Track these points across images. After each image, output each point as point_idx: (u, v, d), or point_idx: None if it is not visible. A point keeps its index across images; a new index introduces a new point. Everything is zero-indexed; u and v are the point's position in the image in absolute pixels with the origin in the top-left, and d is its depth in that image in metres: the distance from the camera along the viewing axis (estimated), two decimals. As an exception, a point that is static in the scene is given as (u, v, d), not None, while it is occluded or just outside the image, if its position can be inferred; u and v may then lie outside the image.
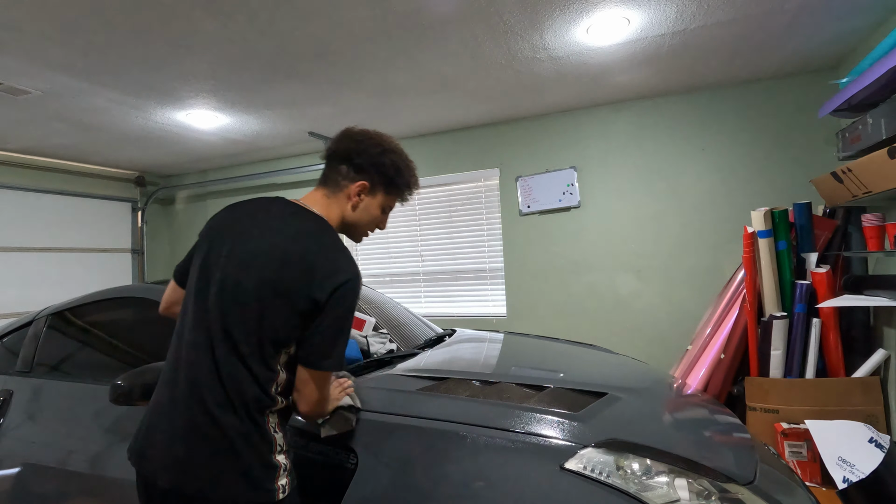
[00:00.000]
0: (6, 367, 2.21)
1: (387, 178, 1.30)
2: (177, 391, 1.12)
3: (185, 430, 1.08)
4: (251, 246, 1.16)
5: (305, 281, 1.11)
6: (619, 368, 1.98)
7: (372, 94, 3.25)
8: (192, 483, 1.05)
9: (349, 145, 1.28)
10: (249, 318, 1.11)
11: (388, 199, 1.33)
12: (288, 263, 1.12)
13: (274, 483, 1.08)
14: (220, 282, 1.14)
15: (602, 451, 1.24)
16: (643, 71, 3.08)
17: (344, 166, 1.28)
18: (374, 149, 1.28)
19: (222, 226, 1.24)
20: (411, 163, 1.36)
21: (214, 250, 1.19)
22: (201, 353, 1.11)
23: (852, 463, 2.23)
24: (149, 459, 1.10)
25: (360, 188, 1.27)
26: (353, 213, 1.29)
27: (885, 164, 2.11)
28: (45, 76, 2.74)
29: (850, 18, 2.50)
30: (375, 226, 1.35)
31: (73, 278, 4.74)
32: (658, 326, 3.55)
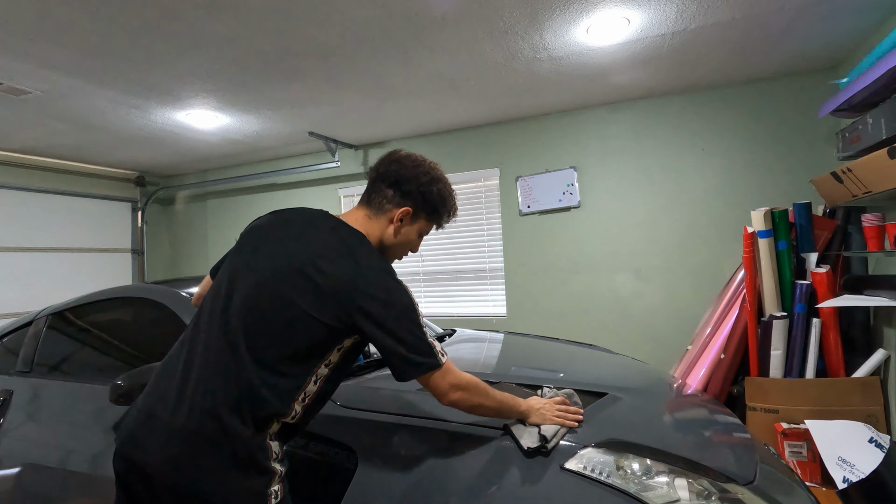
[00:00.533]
0: (6, 367, 2.21)
1: (431, 206, 1.31)
2: (185, 387, 1.09)
3: (187, 429, 1.06)
4: (289, 254, 1.15)
5: (338, 297, 1.10)
6: (619, 368, 1.98)
7: (372, 94, 3.25)
8: (184, 480, 1.04)
9: (398, 170, 1.29)
10: (279, 327, 1.09)
11: (427, 225, 1.34)
12: (325, 274, 1.11)
13: (268, 488, 1.07)
14: (251, 287, 1.14)
15: (602, 451, 1.24)
16: (643, 71, 3.08)
17: (390, 190, 1.28)
18: (423, 177, 1.29)
19: (263, 230, 1.24)
20: (454, 192, 1.38)
21: (250, 253, 1.20)
22: (219, 355, 1.10)
23: (852, 463, 2.23)
24: (143, 450, 1.08)
25: (403, 213, 1.28)
26: (393, 237, 1.29)
27: (885, 164, 2.11)
28: (45, 76, 2.74)
29: (851, 18, 2.50)
30: (410, 249, 1.36)
31: (73, 278, 4.74)
32: (658, 326, 3.55)
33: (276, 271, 1.14)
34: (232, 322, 1.11)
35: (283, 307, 1.10)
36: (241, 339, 1.09)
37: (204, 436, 1.05)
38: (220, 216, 5.28)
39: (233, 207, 5.21)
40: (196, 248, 5.42)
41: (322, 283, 1.11)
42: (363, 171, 4.54)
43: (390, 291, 1.14)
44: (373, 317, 1.10)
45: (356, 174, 4.58)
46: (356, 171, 4.58)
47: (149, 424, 1.09)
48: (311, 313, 1.10)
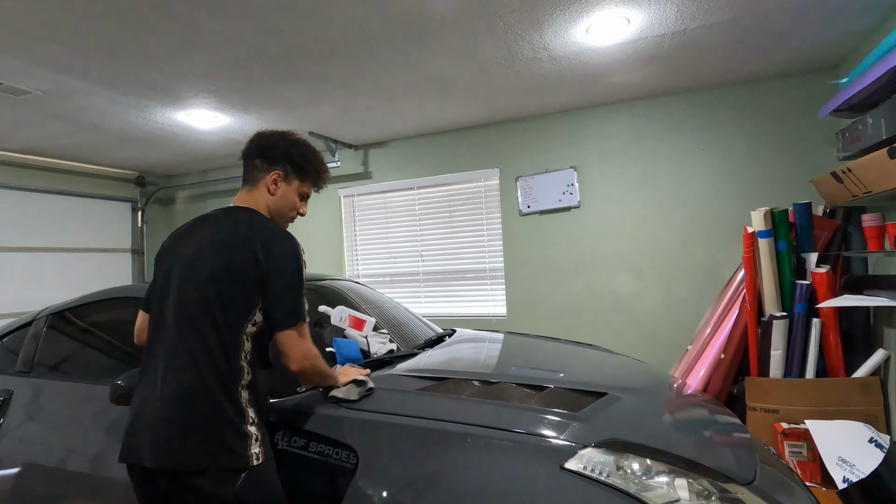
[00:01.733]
0: (6, 367, 2.21)
1: (297, 165, 1.47)
2: (155, 384, 1.24)
3: (164, 414, 1.20)
4: (197, 245, 1.34)
5: (249, 256, 1.29)
6: (619, 368, 1.98)
7: (372, 94, 3.25)
8: (173, 460, 1.17)
9: (260, 142, 1.47)
10: (209, 301, 1.26)
11: (303, 185, 1.50)
12: (231, 246, 1.30)
13: (247, 450, 1.20)
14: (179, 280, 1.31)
15: (602, 451, 1.24)
16: (643, 71, 3.08)
17: (258, 160, 1.46)
18: (282, 142, 1.47)
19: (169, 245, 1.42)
20: (318, 152, 1.53)
21: (167, 262, 1.38)
22: (171, 345, 1.26)
23: (852, 463, 2.23)
24: (135, 450, 1.22)
25: (275, 177, 1.45)
26: (273, 199, 1.45)
27: (885, 164, 2.11)
28: (45, 76, 2.74)
29: (850, 18, 2.50)
30: (296, 210, 1.51)
31: (73, 278, 4.74)
32: (658, 326, 3.55)
33: (191, 261, 1.32)
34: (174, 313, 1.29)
35: (208, 285, 1.28)
36: (185, 322, 1.26)
37: (182, 419, 1.18)
38: (220, 216, 5.28)
39: (233, 207, 5.21)
40: (196, 248, 5.41)
41: (233, 252, 1.30)
42: (363, 170, 4.54)
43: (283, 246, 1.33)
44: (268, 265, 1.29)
45: (356, 174, 4.58)
46: (356, 171, 4.58)
47: (137, 427, 1.23)
48: (232, 280, 1.28)
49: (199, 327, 1.25)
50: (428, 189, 4.31)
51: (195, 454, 1.16)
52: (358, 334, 1.96)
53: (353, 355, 1.85)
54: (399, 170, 4.39)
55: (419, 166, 4.31)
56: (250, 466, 1.19)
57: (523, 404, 1.43)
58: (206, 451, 1.16)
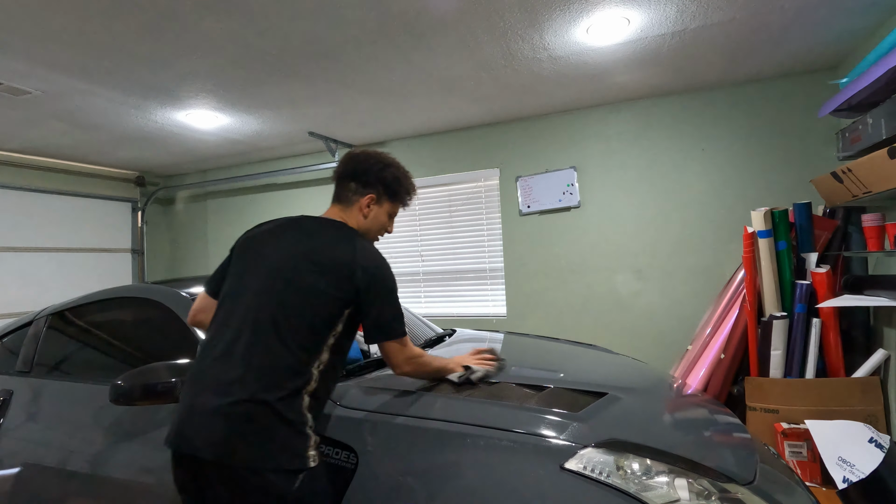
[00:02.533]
0: (6, 367, 2.21)
1: (390, 189, 1.52)
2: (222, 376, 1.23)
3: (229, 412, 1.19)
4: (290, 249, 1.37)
5: (345, 273, 1.33)
6: (619, 368, 1.98)
7: (372, 94, 3.25)
8: (234, 455, 1.16)
9: (355, 166, 1.52)
10: (296, 308, 1.29)
11: (392, 206, 1.56)
12: (328, 260, 1.34)
13: (307, 451, 1.21)
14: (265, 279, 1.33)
15: (602, 451, 1.24)
16: (643, 71, 3.08)
17: (353, 184, 1.51)
18: (377, 166, 1.51)
19: (259, 235, 1.44)
20: (408, 172, 1.58)
21: (251, 257, 1.40)
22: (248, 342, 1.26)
23: (852, 463, 2.23)
24: (188, 439, 1.20)
25: (369, 200, 1.50)
26: (365, 221, 1.51)
27: (885, 164, 2.11)
28: (45, 76, 2.74)
29: (850, 18, 2.50)
30: (384, 230, 1.57)
31: (73, 278, 4.74)
32: (658, 326, 3.55)
33: (283, 261, 1.35)
34: (253, 313, 1.29)
35: (298, 291, 1.30)
36: (262, 325, 1.27)
37: (246, 415, 1.18)
38: (220, 216, 5.28)
39: (233, 207, 5.21)
40: (196, 248, 5.42)
41: (327, 262, 1.33)
42: (363, 171, 4.54)
43: (381, 268, 1.38)
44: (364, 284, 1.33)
45: (356, 174, 4.57)
46: (356, 171, 4.57)
47: (192, 416, 1.22)
48: (322, 291, 1.30)
49: (280, 331, 1.26)
50: (428, 189, 4.31)
51: (257, 452, 1.17)
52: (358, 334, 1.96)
53: (353, 355, 1.85)
54: (399, 170, 4.39)
55: (419, 166, 4.31)
56: (308, 468, 1.20)
57: (523, 404, 1.42)
58: (267, 450, 1.17)
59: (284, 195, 4.92)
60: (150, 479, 1.57)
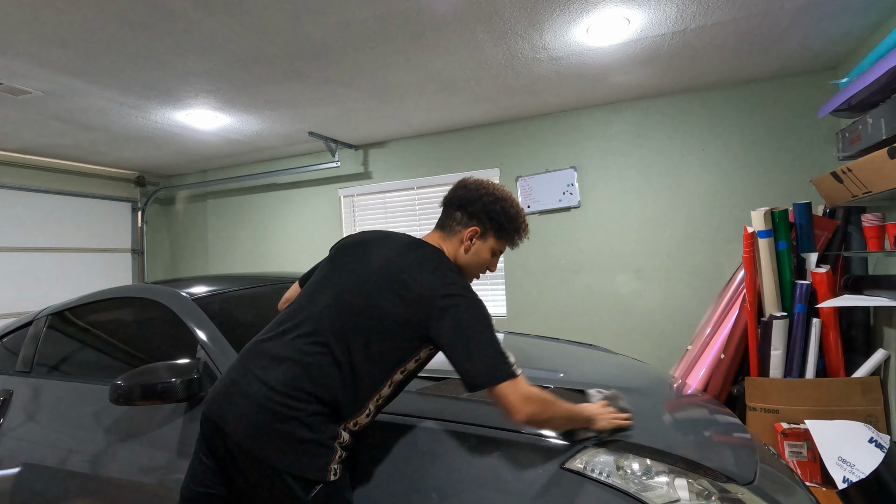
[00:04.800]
0: (6, 367, 2.21)
1: (497, 224, 1.39)
2: (271, 369, 1.19)
3: (268, 404, 1.15)
4: (378, 264, 1.28)
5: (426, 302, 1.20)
6: (619, 368, 1.98)
7: (372, 94, 3.25)
8: (256, 445, 1.14)
9: (464, 194, 1.41)
10: (365, 331, 1.20)
11: (498, 243, 1.41)
12: (407, 285, 1.22)
13: (329, 465, 1.16)
14: (344, 291, 1.25)
15: (602, 451, 1.24)
16: (643, 71, 3.08)
17: (458, 213, 1.40)
18: (487, 197, 1.39)
19: (355, 244, 1.38)
20: (522, 210, 1.44)
21: (342, 263, 1.34)
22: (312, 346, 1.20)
23: (852, 463, 2.23)
24: (223, 412, 1.19)
25: (472, 233, 1.38)
26: (465, 255, 1.39)
27: (885, 164, 2.11)
28: (45, 76, 2.74)
29: (850, 18, 2.50)
30: (486, 268, 1.44)
31: (73, 278, 4.74)
32: (658, 326, 3.55)
33: (366, 279, 1.26)
34: (326, 319, 1.22)
35: (371, 312, 1.21)
36: (334, 336, 1.20)
37: (281, 415, 1.15)
38: (220, 216, 5.28)
39: (233, 207, 5.21)
40: (196, 248, 5.42)
41: (407, 292, 1.21)
42: (363, 170, 4.54)
43: (468, 303, 1.21)
44: (450, 324, 1.19)
45: (356, 174, 4.58)
46: (356, 171, 4.58)
47: (234, 394, 1.20)
48: (396, 319, 1.20)
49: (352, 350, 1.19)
50: (428, 189, 4.31)
51: (280, 453, 1.13)
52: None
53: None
54: (399, 170, 4.39)
55: (419, 166, 4.31)
56: (327, 481, 1.16)
57: (523, 404, 1.42)
58: (293, 452, 1.14)
59: (284, 195, 4.92)
60: (151, 479, 1.57)
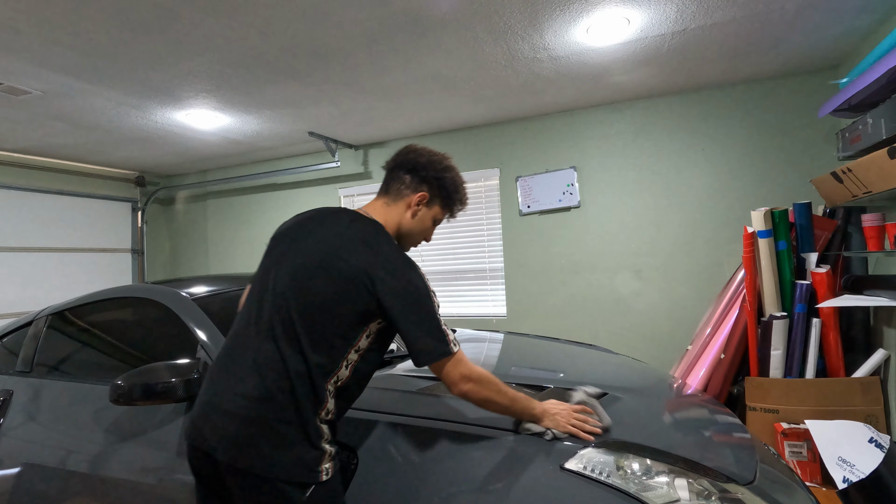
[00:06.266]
0: (6, 367, 2.21)
1: (446, 192, 1.39)
2: (239, 377, 1.19)
3: (242, 412, 1.15)
4: (313, 248, 1.25)
5: (361, 280, 1.19)
6: (619, 368, 1.98)
7: (372, 94, 3.25)
8: (243, 459, 1.13)
9: (415, 158, 1.38)
10: (309, 316, 1.18)
11: (441, 212, 1.42)
12: (342, 264, 1.20)
13: (319, 466, 1.16)
14: (284, 281, 1.23)
15: (602, 451, 1.24)
16: (643, 71, 3.08)
17: (408, 176, 1.37)
18: (438, 164, 1.38)
19: (289, 230, 1.33)
20: (465, 183, 1.46)
21: (279, 253, 1.30)
22: (266, 346, 1.19)
23: (852, 463, 2.23)
24: (203, 436, 1.18)
25: (420, 198, 1.36)
26: (411, 220, 1.37)
27: (885, 164, 2.11)
28: (45, 76, 2.74)
29: (850, 18, 2.50)
30: (424, 237, 1.43)
31: (73, 278, 4.74)
32: (658, 326, 3.55)
33: (302, 265, 1.23)
34: (271, 316, 1.21)
35: (311, 297, 1.19)
36: (279, 330, 1.19)
37: (260, 419, 1.14)
38: (220, 216, 5.28)
39: (233, 207, 5.21)
40: (196, 248, 5.42)
41: (344, 271, 1.20)
42: (363, 170, 4.54)
43: (407, 277, 1.21)
44: (390, 301, 1.18)
45: (356, 174, 4.58)
46: (356, 171, 4.58)
47: (209, 413, 1.19)
48: (337, 300, 1.18)
49: (298, 339, 1.17)
50: (428, 189, 4.30)
51: (267, 460, 1.12)
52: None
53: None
54: (399, 170, 4.38)
55: (419, 166, 4.31)
56: (319, 482, 1.15)
57: (523, 404, 1.42)
58: (278, 460, 1.13)
59: (284, 195, 4.92)
60: (151, 479, 1.57)
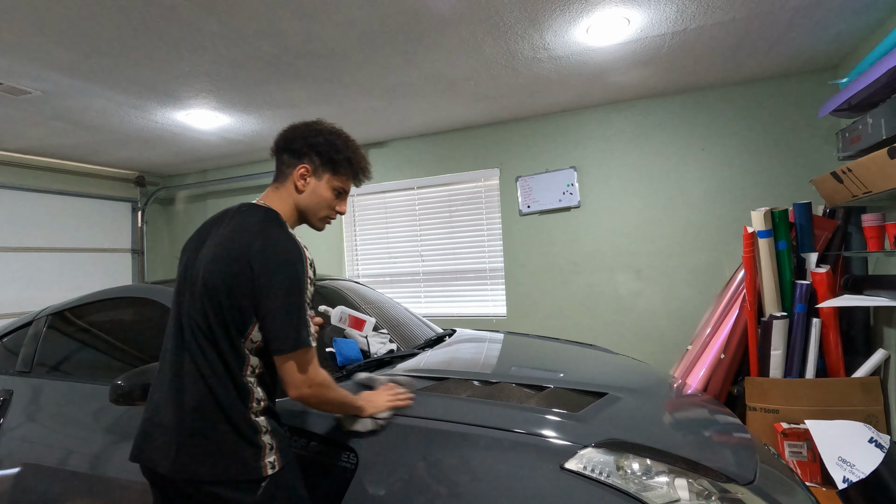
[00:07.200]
0: (6, 367, 2.21)
1: (325, 157, 1.33)
2: (164, 390, 1.22)
3: (175, 424, 1.17)
4: (207, 247, 1.26)
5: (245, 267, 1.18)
6: (619, 368, 1.98)
7: (372, 94, 3.25)
8: (186, 470, 1.14)
9: (286, 134, 1.35)
10: (207, 312, 1.19)
11: (336, 178, 1.36)
12: (231, 253, 1.20)
13: (260, 461, 1.16)
14: (188, 285, 1.26)
15: (602, 451, 1.24)
16: (643, 71, 3.08)
17: (285, 155, 1.34)
18: (307, 132, 1.33)
19: (192, 238, 1.35)
20: (352, 141, 1.39)
21: (184, 260, 1.32)
22: (180, 352, 1.22)
23: (852, 463, 2.23)
24: (148, 455, 1.20)
25: (302, 171, 1.32)
26: (302, 196, 1.33)
27: (885, 164, 2.11)
28: (45, 76, 2.74)
29: (850, 18, 2.50)
30: (331, 209, 1.38)
31: (73, 278, 4.74)
32: (658, 326, 3.55)
33: (201, 264, 1.24)
34: (184, 326, 1.23)
35: (211, 297, 1.20)
36: (191, 339, 1.21)
37: (194, 431, 1.16)
38: (220, 216, 5.28)
39: (233, 207, 5.21)
40: (196, 248, 5.41)
41: (229, 261, 1.19)
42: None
43: (279, 260, 1.18)
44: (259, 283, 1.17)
45: (356, 174, 4.57)
46: (356, 171, 4.57)
47: (150, 432, 1.22)
48: (227, 291, 1.18)
49: (202, 339, 1.18)
50: (428, 189, 4.31)
51: (208, 466, 1.13)
52: (358, 334, 1.96)
53: (353, 355, 1.85)
54: (399, 170, 4.39)
55: (419, 166, 4.31)
56: (266, 476, 1.15)
57: (523, 404, 1.42)
58: (218, 463, 1.13)
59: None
60: (150, 479, 1.57)
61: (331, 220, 1.40)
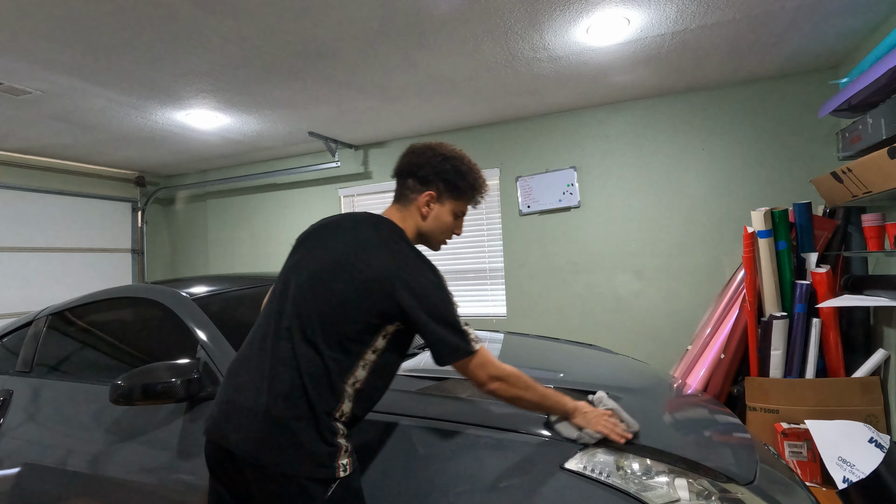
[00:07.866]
0: (6, 367, 2.21)
1: (450, 184, 1.35)
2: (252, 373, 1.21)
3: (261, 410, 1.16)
4: (334, 250, 1.26)
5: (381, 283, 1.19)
6: (619, 368, 1.98)
7: (372, 95, 3.25)
8: (264, 456, 1.14)
9: (412, 160, 1.37)
10: (326, 317, 1.19)
11: (457, 203, 1.38)
12: (361, 266, 1.21)
13: (335, 461, 1.16)
14: (303, 282, 1.25)
15: (602, 451, 1.24)
16: (643, 71, 3.08)
17: (411, 180, 1.36)
18: (435, 159, 1.35)
19: (314, 233, 1.36)
20: (474, 165, 1.40)
21: (301, 254, 1.32)
22: (277, 339, 1.21)
23: (852, 463, 2.23)
24: (223, 432, 1.20)
25: (427, 198, 1.35)
26: (425, 223, 1.36)
27: (885, 164, 2.11)
28: (45, 76, 2.74)
29: (851, 18, 2.50)
30: (451, 232, 1.41)
31: (73, 278, 4.74)
32: (658, 326, 3.55)
33: (322, 266, 1.25)
34: (289, 315, 1.23)
35: (330, 298, 1.20)
36: (296, 330, 1.20)
37: (279, 417, 1.15)
38: (220, 216, 5.28)
39: (233, 207, 5.21)
40: (196, 248, 5.42)
41: (362, 273, 1.20)
42: (363, 171, 4.54)
43: (425, 279, 1.21)
44: (409, 303, 1.18)
45: (356, 174, 4.58)
46: (356, 171, 4.58)
47: (230, 411, 1.21)
48: (354, 302, 1.19)
49: (315, 339, 1.18)
50: (428, 189, 4.30)
51: (285, 458, 1.13)
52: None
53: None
54: (399, 170, 4.38)
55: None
56: (338, 478, 1.15)
57: (523, 404, 1.42)
58: (295, 457, 1.13)
59: (284, 195, 4.92)
60: (151, 479, 1.57)
61: (446, 242, 1.44)
